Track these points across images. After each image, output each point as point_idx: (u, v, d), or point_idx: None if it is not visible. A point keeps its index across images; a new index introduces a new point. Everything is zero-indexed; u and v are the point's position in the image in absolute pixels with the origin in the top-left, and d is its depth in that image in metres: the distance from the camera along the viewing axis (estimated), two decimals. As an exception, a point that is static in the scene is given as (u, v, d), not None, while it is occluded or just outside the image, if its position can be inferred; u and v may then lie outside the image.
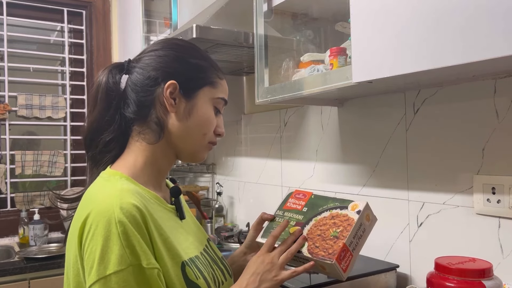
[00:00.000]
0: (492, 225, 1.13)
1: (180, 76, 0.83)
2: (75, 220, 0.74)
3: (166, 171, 0.89)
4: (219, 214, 2.34)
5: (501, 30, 0.76)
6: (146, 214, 0.72)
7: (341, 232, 0.83)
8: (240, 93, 2.26)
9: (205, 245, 0.91)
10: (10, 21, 2.62)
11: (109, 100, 0.83)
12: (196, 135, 0.84)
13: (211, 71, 0.87)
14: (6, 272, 1.93)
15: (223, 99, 0.89)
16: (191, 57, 0.86)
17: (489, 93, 1.14)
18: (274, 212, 0.97)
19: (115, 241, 0.67)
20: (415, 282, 1.33)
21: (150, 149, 0.83)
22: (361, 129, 1.54)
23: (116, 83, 0.84)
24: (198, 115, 0.84)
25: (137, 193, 0.75)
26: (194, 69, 0.85)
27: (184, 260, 0.77)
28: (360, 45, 1.04)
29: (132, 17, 2.52)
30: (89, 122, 0.85)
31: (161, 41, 0.88)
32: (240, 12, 1.69)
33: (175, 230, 0.81)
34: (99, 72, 0.86)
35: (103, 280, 0.66)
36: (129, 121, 0.83)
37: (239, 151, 2.33)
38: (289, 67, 1.48)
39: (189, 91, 0.83)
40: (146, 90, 0.82)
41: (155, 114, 0.82)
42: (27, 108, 2.58)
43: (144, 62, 0.84)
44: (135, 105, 0.82)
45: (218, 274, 0.86)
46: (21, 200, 2.54)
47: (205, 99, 0.85)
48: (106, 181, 0.78)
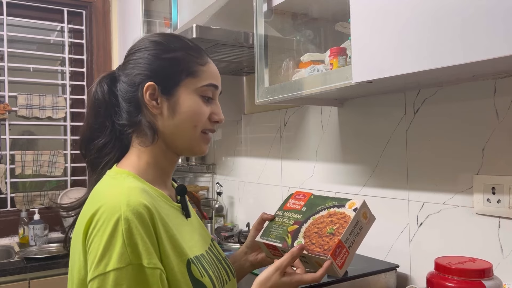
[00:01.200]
0: (492, 225, 1.13)
1: (157, 76, 0.82)
2: (82, 216, 0.75)
3: (170, 170, 0.90)
4: (219, 214, 2.33)
5: (501, 30, 0.76)
6: (154, 212, 0.72)
7: (337, 229, 0.84)
8: (240, 93, 2.26)
9: (209, 244, 0.91)
10: (10, 21, 2.62)
11: (96, 109, 0.86)
12: (186, 129, 0.83)
13: (190, 60, 0.83)
14: (6, 272, 1.93)
15: (211, 85, 0.85)
16: (164, 52, 0.83)
17: (489, 93, 1.14)
18: (275, 213, 0.97)
19: (118, 238, 0.67)
20: (415, 282, 1.33)
21: (148, 151, 0.84)
22: (361, 129, 1.54)
23: (104, 93, 0.85)
24: (183, 111, 0.82)
25: (144, 191, 0.75)
26: (168, 65, 0.83)
27: (190, 257, 0.77)
28: (360, 45, 1.04)
29: (132, 17, 2.52)
30: (80, 133, 0.89)
31: (138, 42, 0.87)
32: (240, 12, 1.69)
33: (181, 228, 0.81)
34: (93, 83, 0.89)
35: (102, 277, 0.66)
36: (123, 127, 0.84)
37: (239, 151, 2.33)
38: (289, 67, 1.48)
39: (168, 89, 0.82)
40: (130, 97, 0.83)
41: (144, 118, 0.82)
42: (27, 108, 2.58)
43: (127, 68, 0.85)
44: (125, 112, 0.84)
45: (223, 273, 0.87)
46: (21, 200, 2.54)
47: (187, 91, 0.83)
48: (113, 179, 0.79)
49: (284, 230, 0.90)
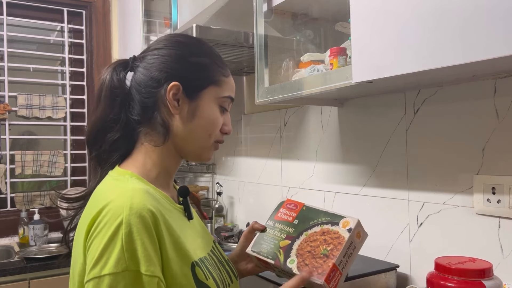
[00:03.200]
0: (492, 225, 1.13)
1: (183, 76, 0.81)
2: (84, 218, 0.73)
3: (174, 172, 0.88)
4: (219, 214, 2.34)
5: (501, 30, 0.76)
6: (158, 216, 0.70)
7: (331, 250, 0.83)
8: (240, 93, 2.26)
9: (212, 246, 0.89)
10: (10, 21, 2.62)
11: (113, 98, 0.81)
12: (201, 136, 0.83)
13: (215, 69, 0.84)
14: (6, 272, 1.93)
15: (229, 97, 0.86)
16: (194, 55, 0.83)
17: (489, 93, 1.14)
18: (265, 222, 0.96)
19: (117, 242, 0.66)
20: (415, 282, 1.33)
21: (157, 151, 0.82)
22: (361, 129, 1.54)
23: (121, 80, 0.82)
24: (202, 116, 0.82)
25: (148, 193, 0.73)
26: (196, 69, 0.83)
27: (194, 260, 0.75)
28: (360, 45, 1.04)
29: (132, 17, 2.52)
30: (92, 121, 0.83)
31: (164, 39, 0.86)
32: (240, 12, 1.69)
33: (184, 230, 0.80)
34: (103, 70, 0.84)
35: (97, 280, 0.65)
36: (134, 123, 0.82)
37: (239, 151, 2.33)
38: (289, 67, 1.48)
39: (192, 92, 0.81)
40: (149, 91, 0.81)
41: (160, 116, 0.80)
42: (27, 108, 2.58)
43: (148, 61, 0.82)
44: (139, 106, 0.81)
45: (225, 276, 0.85)
46: (21, 200, 2.54)
47: (209, 99, 0.83)
48: (116, 180, 0.77)
49: (276, 245, 0.89)
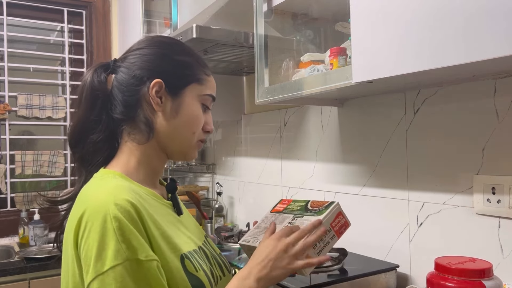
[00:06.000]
0: (492, 225, 1.13)
1: (165, 74, 0.82)
2: (70, 220, 0.74)
3: (160, 170, 0.89)
4: (219, 214, 2.33)
5: (502, 30, 0.76)
6: (141, 209, 0.72)
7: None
8: (240, 93, 2.26)
9: (203, 241, 0.91)
10: (10, 21, 2.62)
11: (94, 100, 0.82)
12: (184, 134, 0.84)
13: (197, 67, 0.86)
14: (6, 272, 1.93)
15: (211, 96, 0.88)
16: (176, 54, 0.85)
17: (489, 93, 1.14)
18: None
19: (111, 237, 0.67)
20: (415, 282, 1.33)
21: (141, 149, 0.83)
22: (361, 129, 1.54)
23: (102, 82, 0.82)
24: (185, 114, 0.83)
25: (131, 190, 0.74)
26: (179, 67, 0.84)
27: (183, 252, 0.77)
28: (360, 45, 1.04)
29: (132, 17, 2.52)
30: (74, 123, 0.84)
31: (146, 39, 0.88)
32: (240, 12, 1.69)
33: (172, 225, 0.81)
34: (85, 72, 0.85)
35: (101, 277, 0.66)
36: (117, 122, 0.83)
37: (239, 151, 2.33)
38: (289, 67, 1.48)
39: (175, 89, 0.83)
40: (132, 89, 0.81)
41: (143, 114, 0.81)
42: (27, 108, 2.58)
43: (129, 61, 0.83)
44: (122, 105, 0.82)
45: (216, 269, 0.86)
46: (21, 200, 2.54)
47: (192, 96, 0.84)
48: (100, 180, 0.78)
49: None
